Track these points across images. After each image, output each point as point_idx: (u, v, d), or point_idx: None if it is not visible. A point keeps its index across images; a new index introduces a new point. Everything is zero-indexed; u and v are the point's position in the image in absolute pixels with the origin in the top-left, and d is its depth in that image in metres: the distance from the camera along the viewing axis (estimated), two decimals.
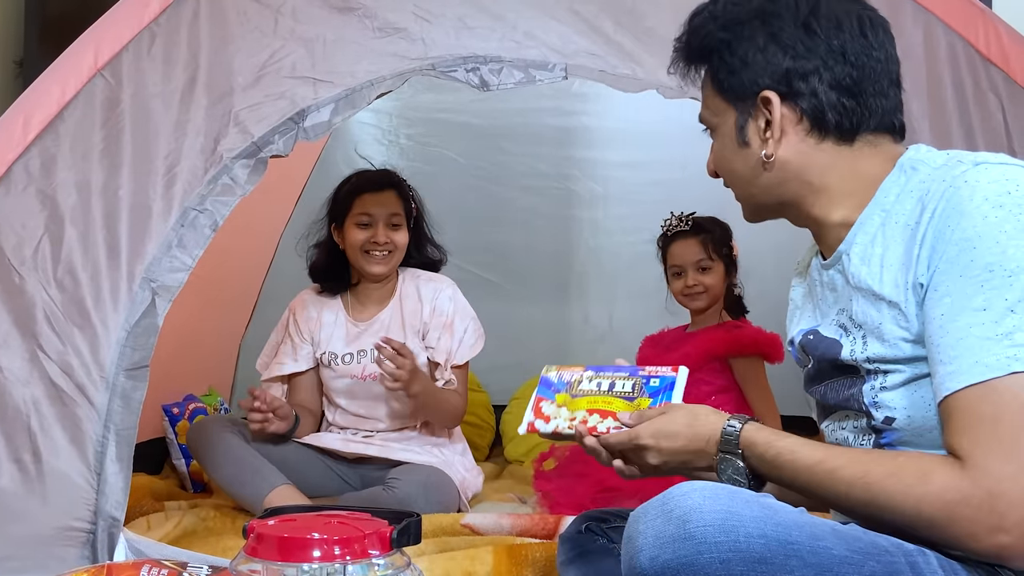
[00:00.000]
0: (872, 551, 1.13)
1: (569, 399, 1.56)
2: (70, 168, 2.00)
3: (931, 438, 1.25)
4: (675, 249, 2.74)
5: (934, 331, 1.18)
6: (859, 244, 1.32)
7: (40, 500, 1.87)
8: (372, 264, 2.69)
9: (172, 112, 2.02)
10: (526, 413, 1.59)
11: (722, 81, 1.37)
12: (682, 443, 1.36)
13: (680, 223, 2.73)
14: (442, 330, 2.71)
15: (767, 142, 1.34)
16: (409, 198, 2.78)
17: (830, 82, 1.31)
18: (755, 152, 1.36)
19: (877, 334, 1.27)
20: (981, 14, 1.99)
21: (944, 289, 1.17)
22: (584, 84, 3.30)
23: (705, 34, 1.37)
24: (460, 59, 2.03)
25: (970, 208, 1.17)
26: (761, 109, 1.34)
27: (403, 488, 2.43)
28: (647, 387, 1.51)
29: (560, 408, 1.56)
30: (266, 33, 2.06)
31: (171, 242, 1.96)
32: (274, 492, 2.39)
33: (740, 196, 1.43)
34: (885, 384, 1.28)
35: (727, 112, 1.37)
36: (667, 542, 1.10)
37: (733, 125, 1.37)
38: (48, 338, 1.92)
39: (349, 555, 1.20)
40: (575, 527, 1.62)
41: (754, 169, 1.37)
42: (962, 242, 1.17)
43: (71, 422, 1.90)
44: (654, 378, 1.52)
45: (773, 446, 1.28)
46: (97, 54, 2.05)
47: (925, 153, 1.33)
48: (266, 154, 1.99)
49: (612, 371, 1.57)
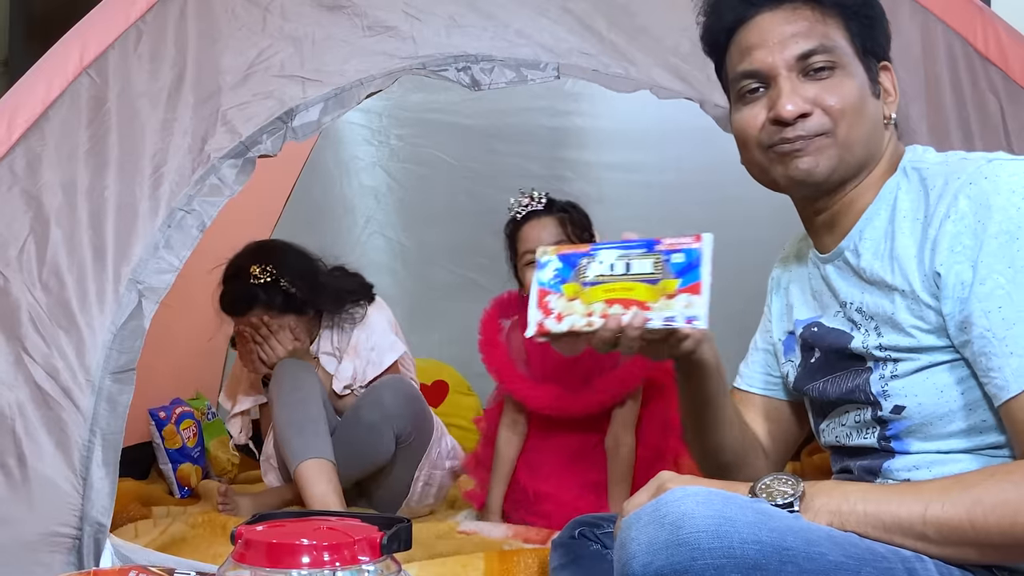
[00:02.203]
0: (868, 557, 1.13)
1: (580, 288, 1.36)
2: (55, 168, 1.98)
3: (940, 426, 1.25)
4: (527, 232, 2.44)
5: (992, 324, 1.17)
6: (869, 239, 1.33)
7: (25, 505, 1.84)
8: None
9: (159, 111, 2.00)
10: (530, 311, 1.39)
11: (863, 36, 1.36)
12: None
13: (533, 201, 2.46)
14: (345, 355, 2.70)
15: (889, 105, 1.37)
16: (275, 295, 2.64)
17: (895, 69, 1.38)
18: (880, 108, 1.36)
19: (892, 323, 1.27)
20: (980, 12, 1.97)
21: (994, 282, 1.17)
22: (577, 84, 3.27)
23: None
24: (451, 58, 2.01)
25: (1000, 202, 1.18)
26: (881, 75, 1.37)
27: (376, 383, 2.52)
28: (670, 265, 1.32)
29: (572, 302, 1.36)
30: (254, 31, 2.04)
31: (158, 243, 1.93)
32: (315, 461, 2.40)
33: (849, 139, 1.33)
34: (896, 372, 1.27)
35: (856, 64, 1.35)
36: (660, 548, 1.08)
37: (866, 76, 1.35)
38: (33, 341, 1.90)
39: (339, 561, 1.18)
40: (568, 532, 1.60)
41: (879, 122, 1.36)
42: (1001, 235, 1.18)
43: (57, 426, 1.87)
44: (676, 252, 1.32)
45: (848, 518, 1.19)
46: (83, 52, 2.03)
47: (923, 154, 1.35)
48: (254, 154, 1.97)
49: (623, 248, 1.37)
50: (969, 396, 1.24)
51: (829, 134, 1.33)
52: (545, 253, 1.41)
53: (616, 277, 1.35)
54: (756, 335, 1.62)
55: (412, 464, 2.62)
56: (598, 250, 1.38)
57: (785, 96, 1.32)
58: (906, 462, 1.31)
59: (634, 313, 1.32)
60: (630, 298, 1.33)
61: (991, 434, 1.24)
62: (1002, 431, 1.23)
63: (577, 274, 1.37)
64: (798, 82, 1.33)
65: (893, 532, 1.15)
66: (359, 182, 3.64)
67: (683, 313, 1.31)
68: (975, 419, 1.24)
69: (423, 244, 3.76)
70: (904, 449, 1.31)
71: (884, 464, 1.33)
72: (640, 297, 1.32)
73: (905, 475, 1.30)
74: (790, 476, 1.21)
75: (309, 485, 2.35)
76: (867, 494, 1.18)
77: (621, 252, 1.36)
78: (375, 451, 2.53)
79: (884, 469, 1.33)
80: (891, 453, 1.32)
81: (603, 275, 1.36)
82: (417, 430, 2.58)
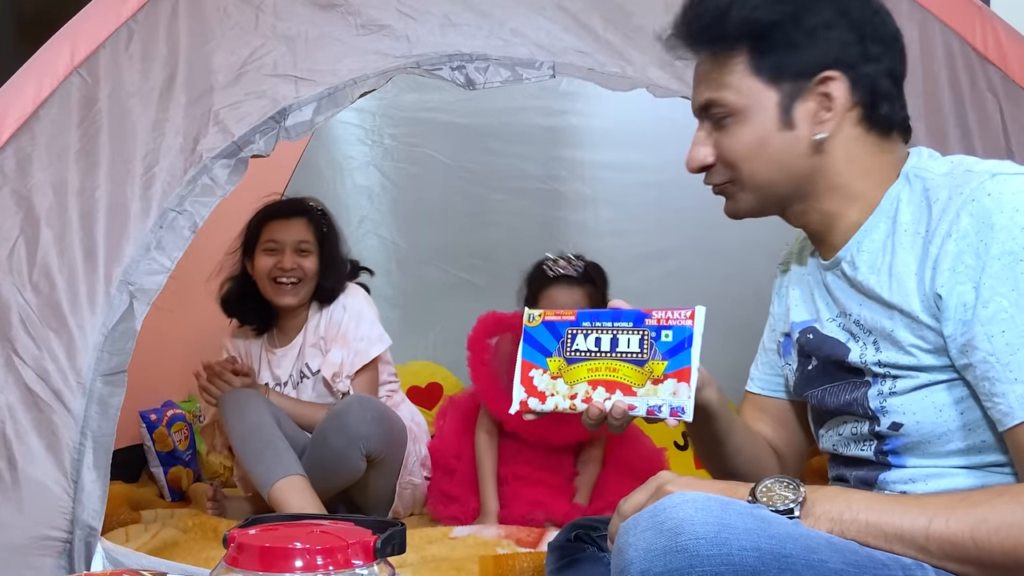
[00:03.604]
0: (868, 564, 1.12)
1: (564, 365, 1.33)
2: (46, 168, 1.96)
3: (938, 445, 1.24)
4: (554, 294, 2.45)
5: (996, 348, 1.15)
6: (867, 252, 1.30)
7: (15, 508, 1.82)
8: (281, 296, 2.70)
9: (150, 111, 1.99)
10: (515, 388, 1.37)
11: (772, 59, 1.29)
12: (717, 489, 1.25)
13: (570, 266, 2.47)
14: (334, 343, 2.70)
15: (823, 124, 1.29)
16: (321, 225, 2.77)
17: (887, 70, 1.29)
18: (802, 135, 1.30)
19: (891, 340, 1.25)
20: (979, 12, 1.96)
21: (997, 305, 1.15)
22: (572, 83, 3.26)
23: (753, 7, 1.29)
24: (445, 57, 2.00)
25: (1002, 221, 1.16)
26: (816, 90, 1.29)
27: (339, 404, 2.48)
28: (658, 344, 1.28)
29: (556, 380, 1.33)
30: (247, 30, 2.02)
31: (149, 244, 1.92)
32: (285, 480, 2.36)
33: (755, 183, 1.34)
34: (895, 389, 1.26)
35: (764, 93, 1.30)
36: (658, 555, 1.07)
37: (775, 107, 1.30)
38: (23, 343, 1.88)
39: (332, 565, 1.16)
40: (564, 535, 1.59)
41: (793, 153, 1.31)
42: (1005, 256, 1.15)
43: (47, 429, 1.85)
44: (665, 329, 1.28)
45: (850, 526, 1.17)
46: (74, 51, 2.01)
47: (927, 160, 1.31)
48: (247, 154, 1.96)
49: (611, 319, 1.32)
50: (968, 416, 1.23)
51: (735, 182, 1.35)
52: (532, 318, 1.38)
53: (601, 354, 1.32)
54: (764, 335, 1.59)
55: (392, 473, 2.61)
56: (584, 320, 1.35)
57: (690, 149, 1.36)
58: (902, 475, 1.29)
59: (617, 401, 1.29)
60: (614, 380, 1.30)
61: (991, 454, 1.23)
62: (1003, 451, 1.22)
63: (562, 347, 1.34)
64: (710, 130, 1.36)
65: (894, 543, 1.14)
66: (353, 182, 3.63)
67: (669, 402, 1.28)
68: (974, 439, 1.23)
69: (417, 244, 3.75)
70: (901, 463, 1.30)
71: (880, 476, 1.32)
72: (625, 379, 1.29)
73: (901, 487, 1.29)
74: (791, 480, 1.20)
75: (284, 506, 2.31)
76: (870, 503, 1.17)
77: (608, 325, 1.33)
78: (346, 471, 2.50)
79: (880, 481, 1.32)
80: (888, 466, 1.31)
81: (588, 351, 1.33)
82: (388, 445, 2.54)
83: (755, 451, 1.51)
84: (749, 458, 1.49)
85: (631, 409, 1.29)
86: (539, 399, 1.34)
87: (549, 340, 1.35)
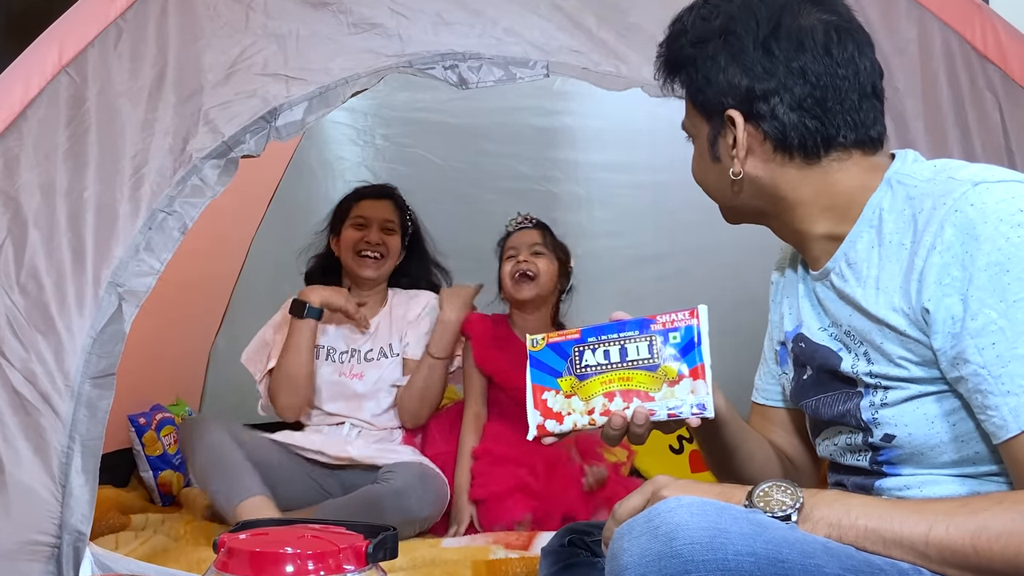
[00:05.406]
0: (865, 569, 1.11)
1: (577, 383, 1.32)
2: (33, 169, 1.95)
3: (931, 456, 1.24)
4: (513, 240, 2.85)
5: (987, 361, 1.14)
6: (853, 264, 1.30)
7: (2, 513, 1.81)
8: (363, 267, 2.82)
9: (139, 111, 1.98)
10: (529, 413, 1.35)
11: (693, 96, 1.36)
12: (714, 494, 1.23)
13: (525, 220, 2.89)
14: (410, 328, 2.83)
15: (734, 160, 1.32)
16: (406, 209, 2.95)
17: (791, 103, 1.29)
18: (725, 167, 1.34)
19: (881, 352, 1.25)
20: (978, 10, 1.96)
21: (986, 316, 1.14)
22: (566, 82, 3.25)
23: (678, 47, 1.36)
24: (438, 56, 1.99)
25: (987, 231, 1.14)
26: (728, 126, 1.32)
27: (399, 479, 2.46)
28: (668, 346, 1.28)
29: (570, 399, 1.31)
30: (237, 29, 2.01)
31: (138, 245, 1.91)
32: (247, 501, 2.36)
33: (718, 203, 1.42)
34: (886, 400, 1.25)
35: (702, 125, 1.37)
36: (653, 560, 1.06)
37: (706, 139, 1.36)
38: (11, 345, 1.87)
39: (323, 570, 1.17)
40: (558, 540, 1.58)
41: (726, 183, 1.36)
42: (991, 267, 1.14)
43: (35, 432, 1.84)
44: (672, 331, 1.28)
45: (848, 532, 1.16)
46: (62, 50, 2.00)
47: (912, 165, 1.30)
48: (237, 154, 1.95)
49: (616, 331, 1.31)
50: (960, 428, 1.22)
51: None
52: (535, 343, 1.36)
53: (612, 366, 1.31)
54: (764, 344, 1.59)
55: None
56: (590, 336, 1.33)
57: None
58: (897, 482, 1.29)
59: (637, 407, 1.29)
60: (630, 388, 1.29)
61: (984, 464, 1.22)
62: (996, 462, 1.21)
63: (571, 365, 1.33)
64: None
65: (893, 548, 1.13)
66: (344, 182, 3.60)
67: (688, 402, 1.28)
68: (967, 451, 1.22)
69: None
70: (896, 472, 1.29)
71: (876, 483, 1.31)
72: (640, 386, 1.28)
73: (897, 494, 1.29)
74: (789, 484, 1.19)
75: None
76: (869, 509, 1.16)
77: (615, 336, 1.32)
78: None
79: (876, 487, 1.31)
80: (883, 475, 1.31)
81: (598, 364, 1.31)
82: (437, 515, 2.56)
83: (767, 458, 1.51)
84: (762, 464, 1.49)
85: (652, 415, 1.29)
86: (556, 420, 1.32)
87: (557, 361, 1.34)
